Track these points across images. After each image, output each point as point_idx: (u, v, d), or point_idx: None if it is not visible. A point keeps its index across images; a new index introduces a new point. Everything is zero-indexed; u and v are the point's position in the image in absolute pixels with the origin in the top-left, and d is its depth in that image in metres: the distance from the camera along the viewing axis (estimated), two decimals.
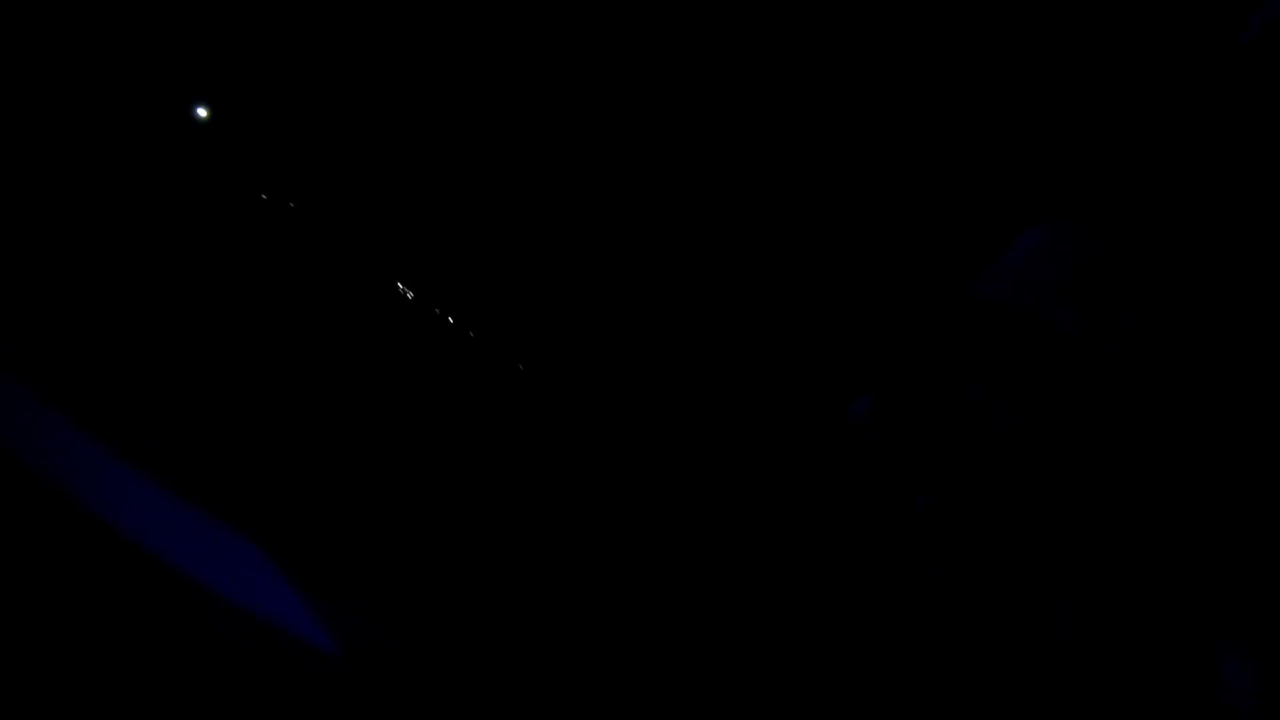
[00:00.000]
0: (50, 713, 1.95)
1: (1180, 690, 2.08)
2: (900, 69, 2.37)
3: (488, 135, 2.53)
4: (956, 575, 2.28)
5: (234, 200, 2.46)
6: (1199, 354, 2.17)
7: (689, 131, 2.48)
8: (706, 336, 2.53)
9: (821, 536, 2.43)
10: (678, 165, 2.49)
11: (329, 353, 2.41)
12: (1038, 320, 2.36)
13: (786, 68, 2.40)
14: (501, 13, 2.45)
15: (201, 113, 2.46)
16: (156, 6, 2.44)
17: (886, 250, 2.48)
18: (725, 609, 2.33)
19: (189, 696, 2.00)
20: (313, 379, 2.39)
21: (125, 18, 2.42)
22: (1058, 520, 2.23)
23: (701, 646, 2.31)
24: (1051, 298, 2.33)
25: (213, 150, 2.47)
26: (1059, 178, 2.40)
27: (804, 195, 2.48)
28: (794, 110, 2.43)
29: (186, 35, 2.47)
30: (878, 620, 2.33)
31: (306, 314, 2.43)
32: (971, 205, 2.45)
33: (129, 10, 2.43)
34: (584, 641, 2.30)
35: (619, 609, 2.35)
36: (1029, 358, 2.30)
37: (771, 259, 2.51)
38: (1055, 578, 2.21)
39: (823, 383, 2.52)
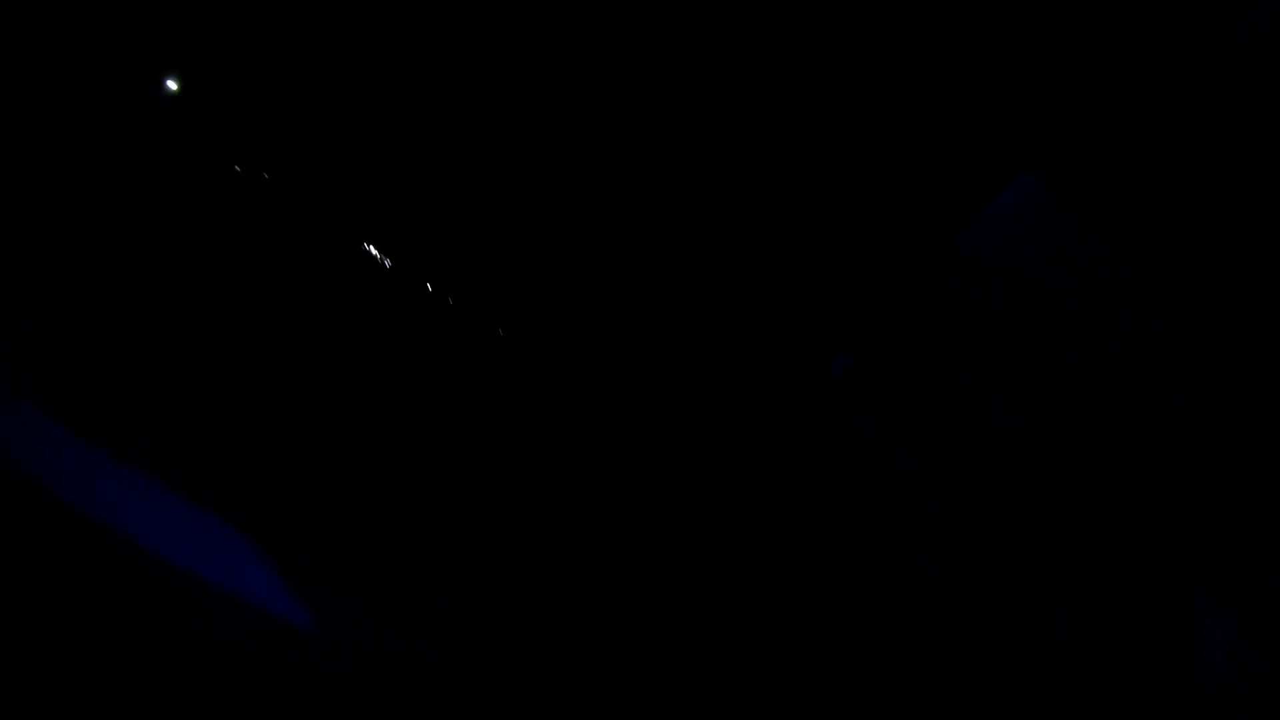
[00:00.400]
0: (39, 711, 1.83)
1: (1175, 682, 2.10)
2: (892, 28, 2.35)
3: (465, 102, 2.47)
4: (956, 575, 2.27)
5: (207, 173, 2.35)
6: (1199, 354, 2.19)
7: (660, 86, 2.43)
8: (685, 295, 2.48)
9: (804, 518, 2.40)
10: (650, 120, 2.45)
11: (305, 324, 2.33)
12: (1022, 279, 2.35)
13: (757, 18, 2.37)
14: None
15: (171, 85, 2.33)
16: None
17: (869, 198, 2.45)
18: (726, 608, 2.29)
19: (185, 697, 1.90)
20: (288, 352, 2.30)
21: None
22: (1058, 520, 2.23)
23: (700, 645, 2.26)
24: (1037, 255, 2.32)
25: (183, 123, 2.35)
26: (1047, 140, 2.39)
27: (780, 140, 2.45)
28: (768, 55, 2.40)
29: (153, 6, 2.36)
30: (876, 619, 2.31)
31: (284, 287, 2.34)
32: (957, 160, 2.43)
33: None
34: (568, 624, 2.24)
35: (603, 596, 2.29)
36: (1028, 357, 2.31)
37: (744, 202, 2.47)
38: (1055, 578, 2.21)
39: (801, 338, 2.47)
